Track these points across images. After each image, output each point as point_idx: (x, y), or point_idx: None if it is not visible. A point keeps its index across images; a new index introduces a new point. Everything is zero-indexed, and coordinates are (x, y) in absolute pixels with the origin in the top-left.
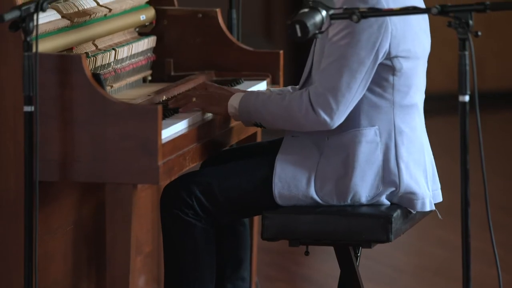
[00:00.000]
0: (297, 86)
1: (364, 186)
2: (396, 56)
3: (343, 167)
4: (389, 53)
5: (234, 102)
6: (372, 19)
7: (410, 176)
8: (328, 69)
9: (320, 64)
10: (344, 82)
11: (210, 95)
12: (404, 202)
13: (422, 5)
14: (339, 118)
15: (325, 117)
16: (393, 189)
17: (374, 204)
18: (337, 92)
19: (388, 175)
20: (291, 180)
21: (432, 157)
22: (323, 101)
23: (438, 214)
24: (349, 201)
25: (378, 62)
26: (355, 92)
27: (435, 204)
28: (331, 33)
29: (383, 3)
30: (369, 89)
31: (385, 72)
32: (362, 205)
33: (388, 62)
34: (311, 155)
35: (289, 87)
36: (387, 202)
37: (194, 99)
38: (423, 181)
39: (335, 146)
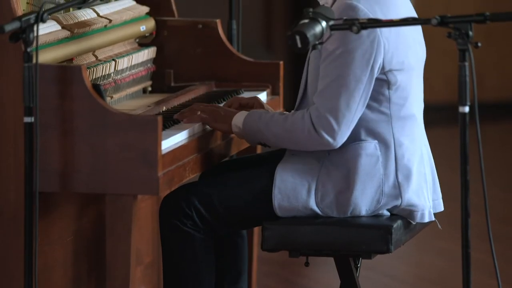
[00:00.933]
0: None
1: (365, 200)
2: (390, 70)
3: (344, 180)
4: (383, 67)
5: (237, 121)
6: (364, 36)
7: (410, 189)
8: (326, 90)
9: (316, 84)
10: (343, 102)
11: (216, 112)
12: (404, 214)
13: (413, 13)
14: (342, 138)
15: (328, 138)
16: (394, 203)
17: (374, 215)
18: (338, 112)
19: (389, 189)
20: (291, 192)
21: (434, 165)
22: (324, 123)
23: (438, 225)
24: (349, 214)
25: (375, 77)
26: (355, 110)
27: (436, 213)
28: (324, 53)
29: (365, 11)
30: (366, 105)
31: (381, 87)
32: (362, 216)
33: (383, 77)
34: (311, 167)
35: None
36: (387, 213)
37: (199, 113)
38: (424, 192)
39: (336, 160)
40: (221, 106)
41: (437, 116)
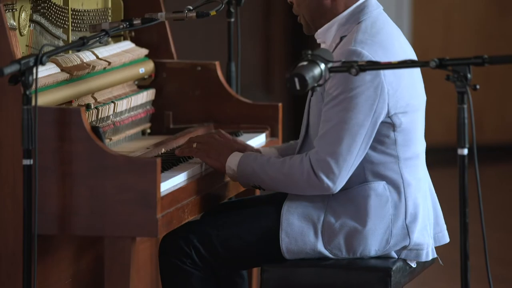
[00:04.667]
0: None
1: (374, 240)
2: (395, 113)
3: (352, 221)
4: (388, 112)
5: (232, 163)
6: (368, 81)
7: (417, 229)
8: (327, 134)
9: (318, 127)
10: (345, 147)
11: (210, 147)
12: (411, 256)
13: (415, 58)
14: (341, 182)
15: (328, 182)
16: (402, 243)
17: (380, 257)
18: (339, 156)
19: (398, 229)
20: (299, 235)
21: (436, 198)
22: (325, 167)
23: (440, 261)
24: (358, 254)
25: (379, 123)
26: (356, 154)
27: (442, 246)
28: (327, 97)
29: (370, 57)
30: (372, 147)
31: (386, 129)
32: (370, 257)
33: (388, 120)
34: (317, 209)
35: (292, 142)
36: (395, 256)
37: (194, 145)
38: (427, 230)
39: (342, 201)
40: (217, 137)
41: (436, 158)
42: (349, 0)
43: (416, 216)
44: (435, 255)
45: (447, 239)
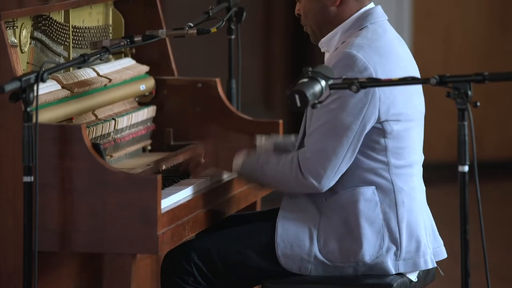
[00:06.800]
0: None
1: (367, 245)
2: (387, 120)
3: (345, 226)
4: (378, 117)
5: (236, 166)
6: None
7: (411, 234)
8: (315, 133)
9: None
10: (330, 147)
11: (217, 155)
12: (409, 266)
13: (415, 68)
14: (327, 182)
15: (313, 181)
16: (396, 248)
17: (376, 275)
18: (323, 156)
19: (390, 233)
20: (294, 240)
21: (431, 216)
22: (310, 166)
23: (440, 271)
24: (352, 260)
25: (367, 128)
26: (342, 157)
27: (443, 262)
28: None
29: (371, 69)
30: (361, 152)
31: (376, 135)
32: (367, 274)
33: (378, 125)
34: (312, 214)
35: (293, 136)
36: (392, 270)
37: (202, 160)
38: (424, 239)
39: (334, 207)
40: (217, 144)
41: (436, 175)
42: (353, 6)
43: (409, 222)
44: (435, 265)
45: (445, 255)
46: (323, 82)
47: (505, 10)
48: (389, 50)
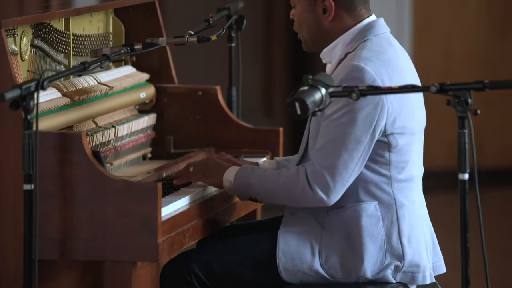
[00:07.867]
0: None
1: (368, 261)
2: (392, 133)
3: (346, 241)
4: (384, 130)
5: (229, 176)
6: (369, 98)
7: (412, 250)
8: (325, 147)
9: (316, 141)
10: (342, 161)
11: (206, 166)
12: (407, 278)
13: (417, 81)
14: (336, 196)
15: (322, 195)
16: (398, 263)
17: (378, 282)
18: (335, 171)
19: (392, 249)
20: (295, 254)
21: (432, 229)
22: (320, 180)
23: (439, 286)
24: (353, 275)
25: (375, 140)
26: (352, 170)
27: (439, 275)
28: (328, 111)
29: (379, 82)
30: (365, 166)
31: (381, 149)
32: (367, 281)
33: (384, 139)
34: (313, 228)
35: (295, 156)
36: (392, 280)
37: (191, 169)
38: (424, 253)
39: (335, 221)
40: (214, 157)
41: (436, 183)
42: (347, 22)
43: (410, 237)
44: (433, 280)
45: (444, 269)
46: (323, 90)
47: (505, 18)
48: (395, 63)
